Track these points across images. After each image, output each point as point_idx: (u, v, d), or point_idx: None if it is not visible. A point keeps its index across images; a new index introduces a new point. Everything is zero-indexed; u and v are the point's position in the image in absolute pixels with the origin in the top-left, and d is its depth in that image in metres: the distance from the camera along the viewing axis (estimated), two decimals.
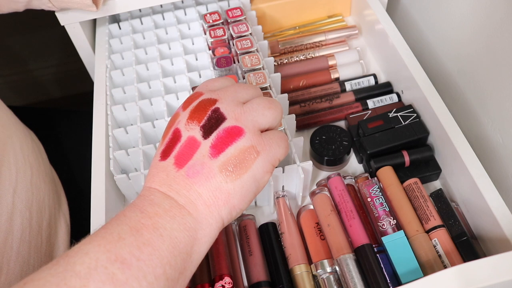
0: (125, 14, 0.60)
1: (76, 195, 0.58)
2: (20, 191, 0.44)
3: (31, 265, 0.42)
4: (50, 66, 1.12)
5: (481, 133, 0.50)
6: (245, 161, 0.31)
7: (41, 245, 0.45)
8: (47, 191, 0.49)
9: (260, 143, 0.32)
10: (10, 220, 0.41)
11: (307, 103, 0.54)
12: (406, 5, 0.63)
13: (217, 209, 0.31)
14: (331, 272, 0.39)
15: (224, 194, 0.31)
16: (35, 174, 0.47)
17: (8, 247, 0.41)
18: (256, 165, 0.32)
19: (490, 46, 0.46)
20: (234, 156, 0.31)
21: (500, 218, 0.38)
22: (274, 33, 0.63)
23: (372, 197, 0.42)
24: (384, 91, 0.54)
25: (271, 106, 0.34)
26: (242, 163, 0.31)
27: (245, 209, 0.33)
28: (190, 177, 0.31)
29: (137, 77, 0.52)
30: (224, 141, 0.32)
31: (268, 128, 0.34)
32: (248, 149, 0.32)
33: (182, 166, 0.31)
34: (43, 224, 0.46)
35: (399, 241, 0.39)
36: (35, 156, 0.49)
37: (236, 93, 0.35)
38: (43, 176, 0.49)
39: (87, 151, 0.47)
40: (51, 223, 0.48)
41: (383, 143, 0.46)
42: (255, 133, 0.33)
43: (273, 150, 0.33)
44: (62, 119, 0.68)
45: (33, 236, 0.44)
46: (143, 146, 0.45)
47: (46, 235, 0.46)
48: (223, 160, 0.31)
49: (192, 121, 0.33)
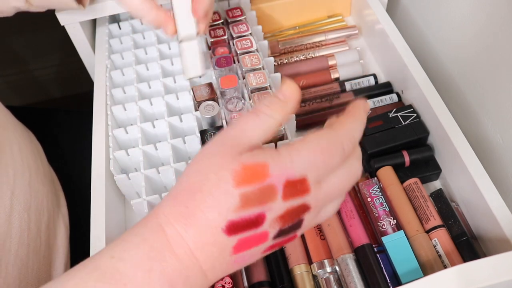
0: (125, 14, 0.60)
1: (76, 195, 0.58)
2: (18, 193, 0.43)
3: (29, 268, 0.42)
4: (50, 66, 1.12)
5: (481, 133, 0.50)
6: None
7: (40, 247, 0.44)
8: (46, 192, 0.48)
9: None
10: (8, 223, 0.41)
11: (307, 103, 0.54)
12: (406, 5, 0.63)
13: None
14: (331, 272, 0.39)
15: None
16: (34, 176, 0.47)
17: (7, 250, 0.40)
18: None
19: (490, 46, 0.46)
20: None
21: (500, 218, 0.38)
22: (274, 33, 0.63)
23: (372, 197, 0.42)
24: (384, 91, 0.54)
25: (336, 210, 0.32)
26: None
27: None
28: (235, 263, 0.28)
29: (137, 77, 0.52)
30: (281, 244, 0.29)
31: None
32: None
33: (238, 252, 0.27)
34: (41, 227, 0.45)
35: (399, 241, 0.39)
36: (34, 157, 0.49)
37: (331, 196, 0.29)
38: (42, 177, 0.49)
39: (87, 151, 0.47)
40: (50, 225, 0.47)
41: (383, 143, 0.46)
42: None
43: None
44: (62, 119, 0.68)
45: (32, 239, 0.43)
46: (143, 146, 0.45)
47: (45, 238, 0.45)
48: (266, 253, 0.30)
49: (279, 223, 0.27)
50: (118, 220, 0.46)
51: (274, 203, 0.27)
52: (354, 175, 0.30)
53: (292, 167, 0.27)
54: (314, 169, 0.28)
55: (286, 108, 0.29)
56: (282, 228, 0.27)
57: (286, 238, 0.29)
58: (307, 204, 0.28)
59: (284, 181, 0.27)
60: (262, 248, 0.28)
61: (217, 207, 0.26)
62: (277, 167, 0.27)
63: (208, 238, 0.26)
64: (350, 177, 0.30)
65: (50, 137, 0.63)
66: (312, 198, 0.28)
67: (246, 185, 0.26)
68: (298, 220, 0.28)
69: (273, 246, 0.29)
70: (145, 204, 0.42)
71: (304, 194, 0.27)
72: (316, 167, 0.28)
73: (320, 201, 0.28)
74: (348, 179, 0.29)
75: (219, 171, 0.27)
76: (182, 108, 0.50)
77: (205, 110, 0.44)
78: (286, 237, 0.29)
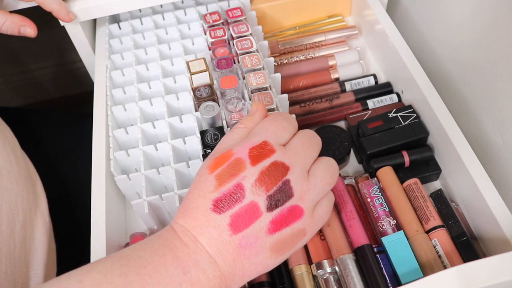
0: (125, 14, 0.60)
1: (76, 195, 0.58)
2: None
3: (2, 272, 0.40)
4: (50, 66, 1.12)
5: (481, 133, 0.50)
6: (293, 242, 0.32)
7: (14, 250, 0.42)
8: (20, 192, 0.45)
9: (310, 224, 0.33)
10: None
11: (307, 103, 0.54)
12: (406, 5, 0.63)
13: (249, 277, 0.31)
14: (331, 272, 0.39)
15: (263, 267, 0.31)
16: (6, 175, 0.44)
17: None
18: (299, 244, 0.33)
19: (491, 46, 0.46)
20: (287, 237, 0.31)
21: (500, 218, 0.38)
22: (274, 33, 0.63)
23: (372, 198, 0.42)
24: (384, 91, 0.54)
25: (333, 180, 0.34)
26: (291, 243, 0.32)
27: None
28: (242, 247, 0.30)
29: (137, 78, 0.52)
30: (285, 220, 0.31)
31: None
32: (301, 231, 0.32)
33: (237, 232, 0.30)
34: (15, 228, 0.43)
35: (399, 241, 0.39)
36: (6, 155, 0.46)
37: (305, 158, 0.33)
38: (15, 176, 0.46)
39: (87, 152, 0.47)
40: (25, 225, 0.44)
41: (383, 144, 0.46)
42: (310, 214, 0.32)
43: (316, 229, 0.34)
44: (62, 119, 0.68)
45: (4, 242, 0.41)
46: (143, 147, 0.45)
47: (20, 239, 0.43)
48: (277, 239, 0.31)
49: (260, 185, 0.31)
50: (119, 220, 0.46)
51: (246, 171, 0.31)
52: (307, 135, 0.35)
53: (250, 139, 0.33)
54: (270, 133, 0.33)
55: (253, 118, 0.36)
56: (269, 194, 0.30)
57: (286, 211, 0.31)
58: (280, 161, 0.32)
59: (248, 151, 0.32)
60: (263, 225, 0.30)
61: (201, 193, 0.31)
62: (238, 146, 0.33)
63: (202, 221, 0.30)
64: (308, 135, 0.35)
65: (50, 137, 0.63)
66: (281, 156, 0.32)
67: (217, 168, 0.32)
68: (282, 183, 0.31)
69: (275, 222, 0.30)
70: (146, 204, 0.42)
71: (270, 153, 0.32)
72: (271, 131, 0.33)
73: (293, 158, 0.32)
74: (305, 135, 0.35)
75: (199, 171, 0.33)
76: (182, 109, 0.50)
77: (205, 110, 0.44)
78: (285, 210, 0.31)
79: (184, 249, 0.29)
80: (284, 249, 0.32)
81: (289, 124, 0.35)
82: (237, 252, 0.30)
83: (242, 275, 0.31)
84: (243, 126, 0.35)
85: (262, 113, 0.37)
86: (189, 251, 0.29)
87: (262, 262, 0.31)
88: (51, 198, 0.50)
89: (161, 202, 0.43)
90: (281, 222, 0.31)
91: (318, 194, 0.33)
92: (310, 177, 0.33)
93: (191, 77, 0.47)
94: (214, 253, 0.30)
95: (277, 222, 0.31)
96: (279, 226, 0.31)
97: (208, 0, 0.59)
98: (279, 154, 0.32)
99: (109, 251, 0.40)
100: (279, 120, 0.35)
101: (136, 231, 0.44)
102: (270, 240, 0.31)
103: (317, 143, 0.35)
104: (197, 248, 0.30)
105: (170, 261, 0.29)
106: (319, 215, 0.34)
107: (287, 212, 0.31)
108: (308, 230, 0.33)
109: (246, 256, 0.30)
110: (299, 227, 0.32)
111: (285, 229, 0.31)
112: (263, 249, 0.30)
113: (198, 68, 0.48)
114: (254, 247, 0.30)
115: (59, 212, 0.53)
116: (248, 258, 0.30)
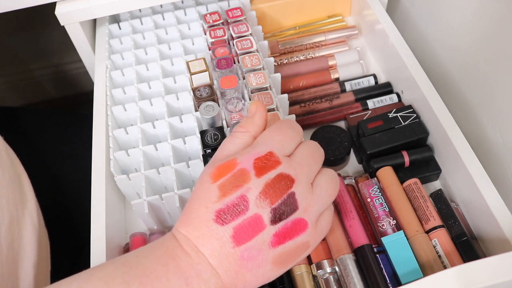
0: (125, 14, 0.60)
1: (74, 195, 0.58)
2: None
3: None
4: (50, 66, 1.12)
5: (481, 133, 0.50)
6: (296, 255, 0.32)
7: (0, 252, 0.41)
8: (5, 193, 0.44)
9: (313, 236, 0.32)
10: None
11: (307, 104, 0.54)
12: (406, 5, 0.63)
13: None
14: (331, 272, 0.39)
15: (264, 279, 0.31)
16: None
17: None
18: (302, 256, 0.33)
19: (491, 46, 0.46)
20: (290, 250, 0.31)
21: (500, 218, 0.38)
22: (274, 33, 0.63)
23: (372, 198, 0.42)
24: (384, 91, 0.54)
25: (336, 192, 0.34)
26: (293, 256, 0.32)
27: None
28: (244, 260, 0.30)
29: (137, 78, 0.52)
30: (288, 233, 0.31)
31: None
32: (304, 244, 0.32)
33: (239, 244, 0.30)
34: (1, 230, 0.42)
35: (399, 241, 0.39)
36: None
37: (310, 170, 0.33)
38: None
39: (86, 152, 0.46)
40: (12, 226, 0.43)
41: (382, 144, 0.46)
42: (314, 227, 0.32)
43: (318, 241, 0.34)
44: (62, 119, 0.68)
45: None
46: (143, 147, 0.45)
47: (7, 241, 0.42)
48: (280, 252, 0.31)
49: (265, 198, 0.30)
50: (119, 220, 0.46)
51: (250, 183, 0.30)
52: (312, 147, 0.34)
53: (255, 149, 0.32)
54: (276, 143, 0.32)
55: (254, 120, 0.35)
56: (273, 207, 0.30)
57: (290, 224, 0.30)
58: (285, 174, 0.31)
59: (253, 162, 0.31)
60: (266, 238, 0.30)
61: (204, 203, 0.30)
62: (243, 155, 0.32)
63: (205, 231, 0.30)
64: (312, 147, 0.34)
65: (50, 137, 0.63)
66: (287, 168, 0.31)
67: (221, 178, 0.31)
68: (287, 196, 0.30)
69: (278, 235, 0.30)
70: (145, 204, 0.42)
71: (276, 165, 0.31)
72: (277, 141, 0.33)
73: (299, 170, 0.32)
74: (309, 147, 0.34)
75: (201, 178, 0.32)
76: (182, 109, 0.50)
77: (205, 110, 0.44)
78: (289, 223, 0.30)
79: (186, 259, 0.29)
80: (286, 262, 0.32)
81: (295, 133, 0.34)
82: (240, 264, 0.30)
83: (244, 287, 0.31)
84: (244, 130, 0.34)
85: (262, 114, 0.36)
86: (192, 261, 0.29)
87: (263, 274, 0.31)
88: (49, 198, 0.50)
89: (161, 202, 0.43)
90: (285, 235, 0.31)
91: (322, 205, 0.33)
92: (314, 189, 0.33)
93: (191, 77, 0.47)
94: (217, 265, 0.29)
95: (281, 236, 0.30)
96: (282, 240, 0.31)
97: (208, 0, 0.59)
98: (284, 166, 0.31)
99: (109, 251, 0.40)
100: (285, 129, 0.34)
101: (136, 231, 0.44)
102: (272, 253, 0.30)
103: (321, 155, 0.35)
104: (199, 259, 0.30)
105: (173, 271, 0.29)
106: (322, 227, 0.34)
107: (291, 225, 0.31)
108: (312, 242, 0.33)
109: (248, 269, 0.30)
110: (303, 240, 0.32)
111: (288, 242, 0.31)
112: (265, 262, 0.30)
113: (198, 68, 0.48)
114: (256, 259, 0.30)
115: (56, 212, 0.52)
116: (250, 270, 0.30)
